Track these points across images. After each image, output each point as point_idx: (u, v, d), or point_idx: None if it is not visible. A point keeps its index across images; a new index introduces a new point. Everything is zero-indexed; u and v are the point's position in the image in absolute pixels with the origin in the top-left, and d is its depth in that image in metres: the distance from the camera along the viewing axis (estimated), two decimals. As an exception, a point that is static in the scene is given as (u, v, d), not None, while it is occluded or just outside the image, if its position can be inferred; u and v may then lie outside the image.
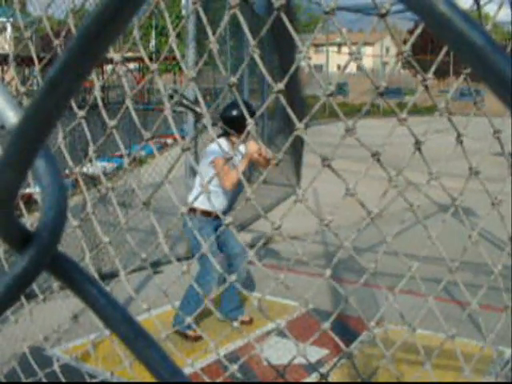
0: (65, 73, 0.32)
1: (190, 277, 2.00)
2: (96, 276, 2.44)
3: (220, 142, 4.68)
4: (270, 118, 11.67)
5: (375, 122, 20.31)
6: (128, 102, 1.92)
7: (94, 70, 0.37)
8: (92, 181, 6.08)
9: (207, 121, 1.79)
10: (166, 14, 1.92)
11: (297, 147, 9.36)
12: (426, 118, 13.48)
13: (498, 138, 1.83)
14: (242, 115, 1.75)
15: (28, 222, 2.20)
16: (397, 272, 3.26)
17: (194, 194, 4.61)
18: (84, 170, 4.85)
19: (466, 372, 1.77)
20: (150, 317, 1.91)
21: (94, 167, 2.29)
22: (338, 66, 43.26)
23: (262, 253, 6.84)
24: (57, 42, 2.02)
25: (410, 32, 33.69)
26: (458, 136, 1.80)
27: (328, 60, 33.03)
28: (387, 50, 52.65)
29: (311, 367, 3.95)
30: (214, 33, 1.75)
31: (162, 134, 12.36)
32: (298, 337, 1.81)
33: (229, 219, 1.78)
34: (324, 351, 4.47)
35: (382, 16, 1.48)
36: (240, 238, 2.21)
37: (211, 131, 1.84)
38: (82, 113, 1.98)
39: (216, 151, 4.56)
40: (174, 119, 1.90)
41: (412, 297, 4.25)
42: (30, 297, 2.38)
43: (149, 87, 20.29)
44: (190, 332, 4.65)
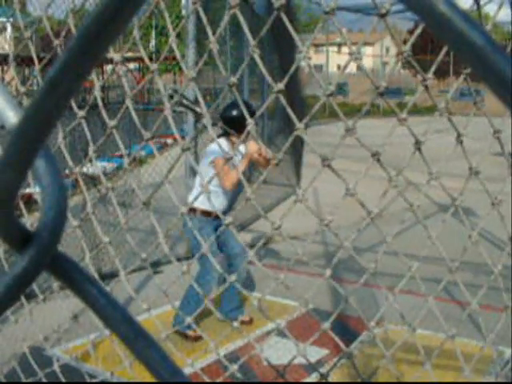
0: (65, 73, 0.32)
1: (189, 277, 2.00)
2: (96, 276, 2.44)
3: (220, 142, 4.70)
4: (270, 118, 11.68)
5: (375, 121, 20.32)
6: (128, 101, 1.92)
7: (93, 69, 0.37)
8: (92, 181, 6.08)
9: (207, 121, 1.79)
10: (166, 14, 1.92)
11: (297, 147, 9.36)
12: (426, 117, 13.49)
13: (498, 138, 1.83)
14: (242, 115, 1.75)
15: (28, 222, 2.20)
16: (397, 272, 3.26)
17: (194, 194, 4.61)
18: (84, 170, 4.85)
19: (466, 372, 1.77)
20: (149, 317, 1.91)
21: (94, 167, 2.28)
22: (338, 66, 43.26)
23: (262, 253, 6.84)
24: (57, 42, 2.02)
25: (410, 32, 33.70)
26: (458, 136, 1.80)
27: (328, 60, 33.04)
28: (387, 50, 52.67)
29: (311, 367, 3.95)
30: (213, 33, 1.75)
31: (162, 134, 12.35)
32: (298, 337, 1.81)
33: (229, 219, 1.78)
34: (324, 351, 4.47)
35: (382, 16, 1.48)
36: (240, 238, 2.21)
37: (211, 131, 1.84)
38: (81, 113, 1.98)
39: (216, 151, 4.56)
40: (174, 119, 1.90)
41: (412, 297, 4.25)
42: (30, 297, 2.38)
43: (149, 87, 20.28)
44: (190, 332, 4.64)
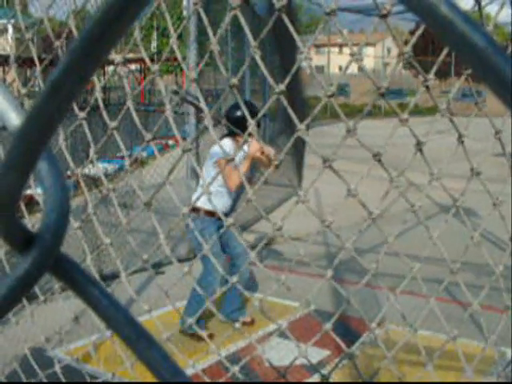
0: (67, 75, 0.32)
1: (191, 278, 1.99)
2: (97, 277, 2.44)
3: (225, 142, 4.70)
4: (272, 119, 11.67)
5: (376, 122, 20.32)
6: (129, 102, 1.92)
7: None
8: (93, 182, 6.08)
9: (208, 121, 1.79)
10: (167, 16, 1.92)
11: (298, 148, 9.37)
12: (427, 118, 13.47)
13: (499, 139, 1.83)
14: (246, 115, 1.75)
15: (29, 224, 2.20)
16: (398, 273, 3.26)
17: (198, 195, 4.61)
18: (86, 171, 4.85)
19: (467, 373, 1.77)
20: (151, 318, 1.91)
21: (96, 168, 2.28)
22: (340, 67, 43.26)
23: (264, 253, 6.84)
24: (58, 43, 2.02)
25: (412, 33, 33.69)
26: (460, 137, 1.80)
27: (329, 61, 33.06)
28: (388, 51, 52.65)
29: (313, 368, 3.95)
30: (215, 34, 1.75)
31: (163, 136, 12.34)
32: (299, 338, 1.81)
33: (230, 220, 1.78)
34: (326, 352, 4.46)
35: (383, 17, 1.48)
36: (242, 239, 2.21)
37: (212, 132, 1.84)
38: (82, 114, 1.98)
39: (220, 152, 4.57)
40: (176, 121, 1.90)
41: (413, 297, 4.25)
42: (31, 298, 2.38)
43: (150, 88, 20.27)
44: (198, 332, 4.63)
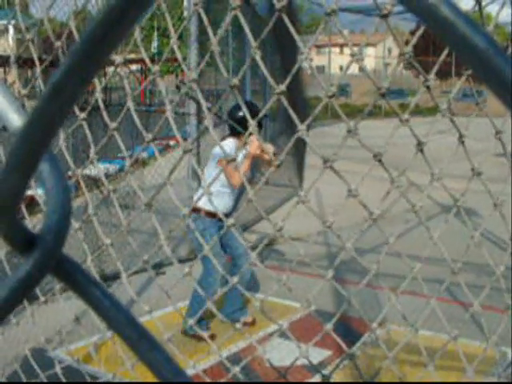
0: (69, 77, 0.32)
1: (192, 278, 1.99)
2: (98, 277, 2.44)
3: (227, 143, 4.70)
4: (273, 120, 11.67)
5: (377, 122, 20.29)
6: (129, 103, 1.92)
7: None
8: (95, 182, 6.09)
9: (209, 122, 1.79)
10: (168, 16, 1.92)
11: (299, 148, 9.36)
12: (428, 118, 13.46)
13: (500, 139, 1.83)
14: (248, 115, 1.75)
15: (30, 225, 2.20)
16: (399, 273, 3.26)
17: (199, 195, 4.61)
18: (87, 171, 4.85)
19: (468, 373, 1.77)
20: (152, 318, 1.91)
21: (97, 169, 2.29)
22: (341, 67, 43.25)
23: (265, 254, 6.84)
24: (58, 43, 2.02)
25: (412, 33, 33.69)
26: (460, 137, 1.80)
27: (330, 61, 33.06)
28: (389, 51, 52.62)
29: (314, 368, 3.94)
30: (215, 34, 1.75)
31: (164, 136, 12.33)
32: (300, 338, 1.81)
33: (231, 220, 1.78)
34: (326, 352, 4.46)
35: (384, 17, 1.48)
36: (244, 239, 2.21)
37: (213, 133, 1.84)
38: (83, 115, 1.98)
39: (222, 153, 4.58)
40: (177, 121, 1.90)
41: (414, 298, 4.25)
42: (32, 299, 2.38)
43: (151, 89, 20.27)
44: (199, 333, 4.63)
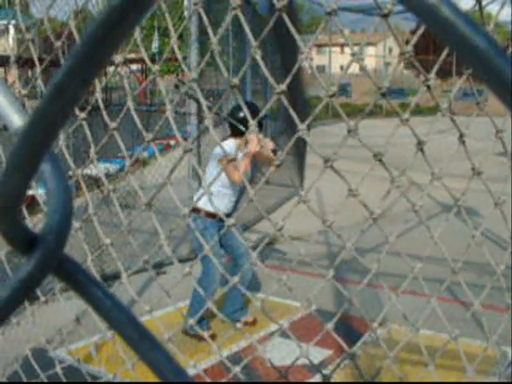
0: (70, 78, 0.32)
1: (192, 278, 2.00)
2: (99, 277, 2.44)
3: (228, 143, 4.70)
4: (273, 119, 11.68)
5: (378, 122, 20.28)
6: (129, 103, 1.92)
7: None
8: (95, 182, 6.09)
9: (209, 122, 1.79)
10: (168, 16, 1.92)
11: (300, 148, 9.37)
12: (428, 118, 13.44)
13: (501, 138, 1.83)
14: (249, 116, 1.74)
15: (30, 224, 2.20)
16: (400, 272, 3.26)
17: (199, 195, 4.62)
18: (87, 171, 4.85)
19: (469, 372, 1.77)
20: (152, 318, 1.91)
21: (97, 169, 2.29)
22: (341, 67, 43.24)
23: (266, 253, 6.83)
24: (58, 43, 2.02)
25: (413, 32, 33.67)
26: (461, 136, 1.80)
27: (330, 61, 33.05)
28: (390, 51, 52.57)
29: (314, 368, 3.94)
30: (216, 34, 1.75)
31: (165, 136, 12.34)
32: (301, 338, 1.81)
33: (231, 220, 1.78)
34: (327, 352, 4.46)
35: (385, 16, 1.48)
36: (244, 239, 2.21)
37: (213, 132, 1.84)
38: (83, 115, 1.98)
39: (223, 153, 4.57)
40: (177, 121, 1.90)
41: (415, 297, 4.25)
42: (33, 299, 2.38)
43: (151, 88, 20.28)
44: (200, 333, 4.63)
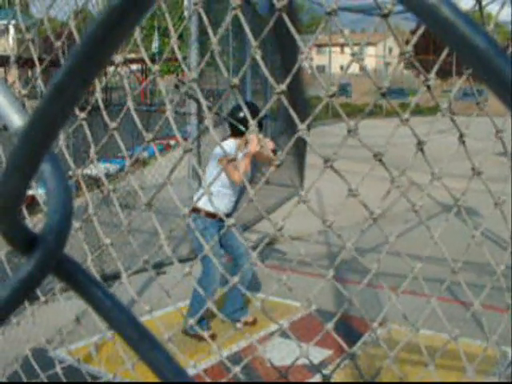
0: (71, 78, 0.32)
1: (192, 278, 1.99)
2: (99, 277, 2.44)
3: (228, 143, 4.70)
4: (273, 119, 11.68)
5: (378, 122, 20.26)
6: (129, 103, 1.92)
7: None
8: (95, 182, 6.09)
9: (209, 122, 1.79)
10: (167, 16, 1.92)
11: (300, 148, 9.36)
12: (428, 118, 13.43)
13: (501, 138, 1.83)
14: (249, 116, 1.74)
15: (30, 224, 2.20)
16: (400, 272, 3.26)
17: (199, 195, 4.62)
18: (87, 171, 4.85)
19: (469, 372, 1.77)
20: (152, 318, 1.91)
21: (97, 169, 2.29)
22: (341, 67, 43.24)
23: (266, 253, 6.83)
24: (58, 43, 2.02)
25: (413, 32, 33.66)
26: (461, 136, 1.80)
27: (330, 61, 33.05)
28: (390, 51, 52.54)
29: (314, 368, 3.95)
30: (216, 34, 1.75)
31: (165, 136, 12.34)
32: (301, 338, 1.81)
33: (231, 220, 1.78)
34: (327, 352, 4.46)
35: (385, 16, 1.48)
36: (244, 239, 2.21)
37: (213, 132, 1.84)
38: (83, 115, 1.98)
39: (223, 153, 4.57)
40: (177, 121, 1.90)
41: (415, 297, 4.25)
42: (33, 299, 2.37)
43: (151, 88, 20.29)
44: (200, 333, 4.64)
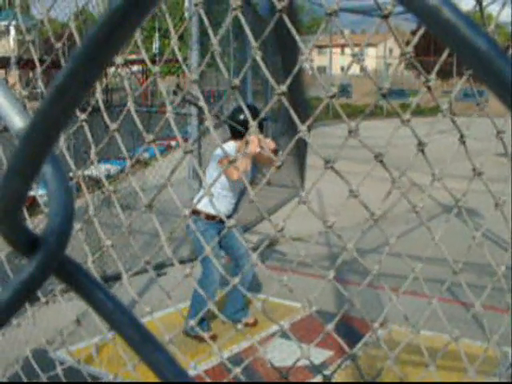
0: (72, 80, 0.32)
1: (193, 279, 1.99)
2: (99, 278, 2.43)
3: (229, 145, 4.70)
4: (274, 120, 11.68)
5: (378, 123, 20.24)
6: (130, 104, 1.92)
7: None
8: (96, 183, 6.09)
9: (209, 123, 1.79)
10: (168, 17, 1.92)
11: (300, 149, 9.36)
12: (429, 118, 13.45)
13: (501, 139, 1.83)
14: (247, 119, 1.75)
15: (31, 225, 2.20)
16: (400, 273, 3.26)
17: (199, 197, 4.62)
18: (88, 172, 4.85)
19: (470, 373, 1.77)
20: (153, 319, 1.91)
21: (98, 170, 2.29)
22: (342, 68, 43.24)
23: (266, 254, 6.83)
24: (58, 44, 2.02)
25: (413, 33, 33.67)
26: (461, 137, 1.80)
27: (331, 61, 33.06)
28: (390, 51, 52.53)
29: (315, 369, 3.94)
30: (216, 35, 1.75)
31: (165, 137, 12.34)
32: (301, 338, 1.81)
33: (232, 221, 1.78)
34: (328, 353, 4.46)
35: (385, 17, 1.48)
36: (245, 240, 2.21)
37: (214, 133, 1.84)
38: (83, 116, 1.98)
39: (223, 154, 4.56)
40: (178, 121, 1.90)
41: (416, 298, 4.24)
42: (33, 300, 2.37)
43: (152, 89, 20.30)
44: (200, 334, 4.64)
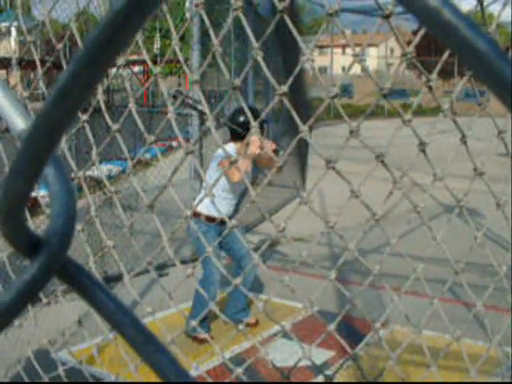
0: (74, 81, 0.32)
1: (194, 279, 2.00)
2: (101, 279, 2.44)
3: (229, 146, 4.70)
4: (275, 121, 11.69)
5: (379, 123, 20.24)
6: (131, 104, 1.92)
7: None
8: (98, 184, 6.09)
9: (211, 123, 1.79)
10: (169, 17, 1.92)
11: (302, 149, 9.36)
12: (430, 118, 13.44)
13: (503, 139, 1.83)
14: (249, 121, 1.75)
15: (33, 226, 2.20)
16: (402, 273, 3.26)
17: (199, 198, 4.61)
18: (90, 173, 4.86)
19: (472, 373, 1.77)
20: (154, 319, 1.91)
21: (99, 170, 2.29)
22: (343, 68, 43.24)
23: (268, 255, 6.83)
24: (59, 45, 2.02)
25: (414, 33, 33.63)
26: (463, 137, 1.80)
27: (332, 62, 33.06)
28: (392, 51, 52.54)
29: (317, 369, 3.94)
30: (218, 35, 1.75)
31: (167, 137, 12.36)
32: (303, 339, 1.81)
33: (233, 222, 1.78)
34: (330, 353, 4.46)
35: (386, 17, 1.48)
36: (246, 241, 2.21)
37: (215, 134, 1.84)
38: (84, 116, 1.98)
39: (223, 155, 4.57)
40: (179, 122, 1.90)
41: (417, 298, 4.24)
42: (35, 300, 2.37)
43: (153, 90, 20.32)
44: (200, 335, 4.65)
